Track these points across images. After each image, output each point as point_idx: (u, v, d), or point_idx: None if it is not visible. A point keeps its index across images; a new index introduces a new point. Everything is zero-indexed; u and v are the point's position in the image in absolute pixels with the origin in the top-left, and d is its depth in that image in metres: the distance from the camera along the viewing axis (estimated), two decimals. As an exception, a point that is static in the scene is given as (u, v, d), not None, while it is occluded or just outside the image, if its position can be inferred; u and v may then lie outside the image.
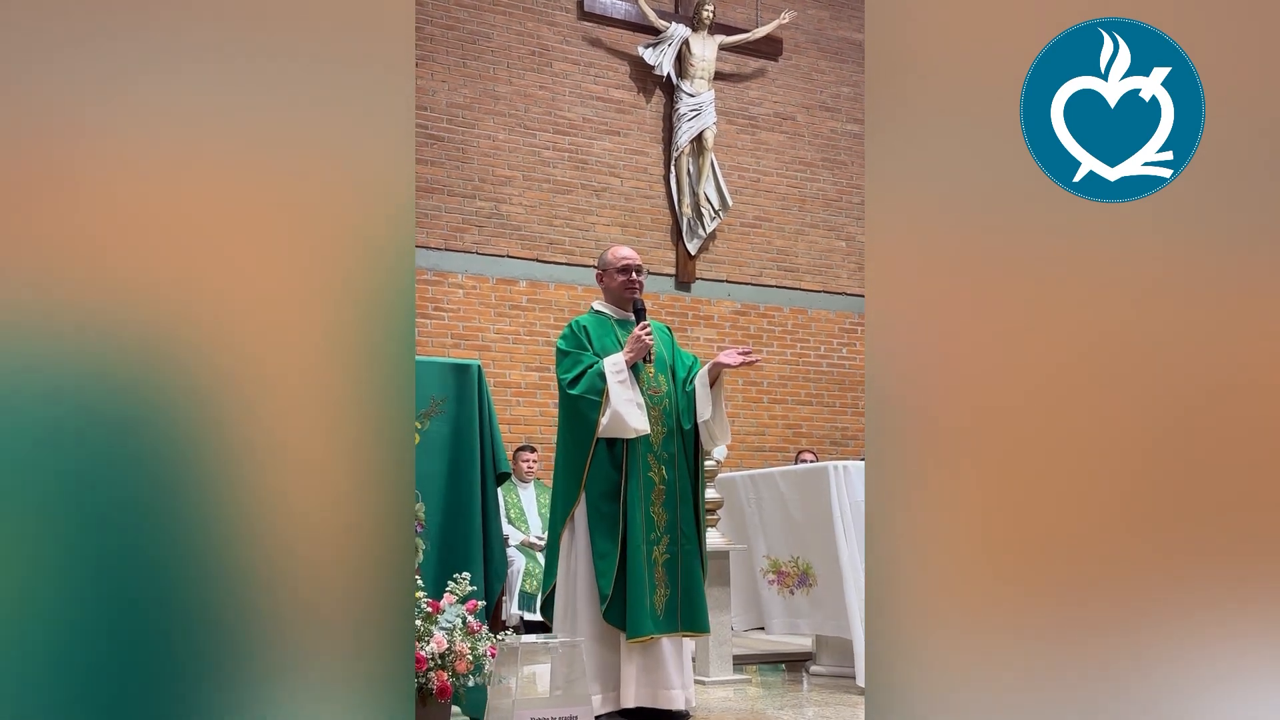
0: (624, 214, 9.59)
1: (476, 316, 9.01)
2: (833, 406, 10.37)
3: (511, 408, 8.92)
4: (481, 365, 4.25)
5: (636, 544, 4.05)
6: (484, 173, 9.08)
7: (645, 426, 4.08)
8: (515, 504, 7.76)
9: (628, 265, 4.32)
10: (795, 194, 10.32)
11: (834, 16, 10.55)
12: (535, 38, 9.37)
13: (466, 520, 4.03)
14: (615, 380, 4.06)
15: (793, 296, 10.26)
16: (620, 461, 4.10)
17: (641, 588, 4.03)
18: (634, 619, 4.00)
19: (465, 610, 3.48)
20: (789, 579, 5.53)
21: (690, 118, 9.59)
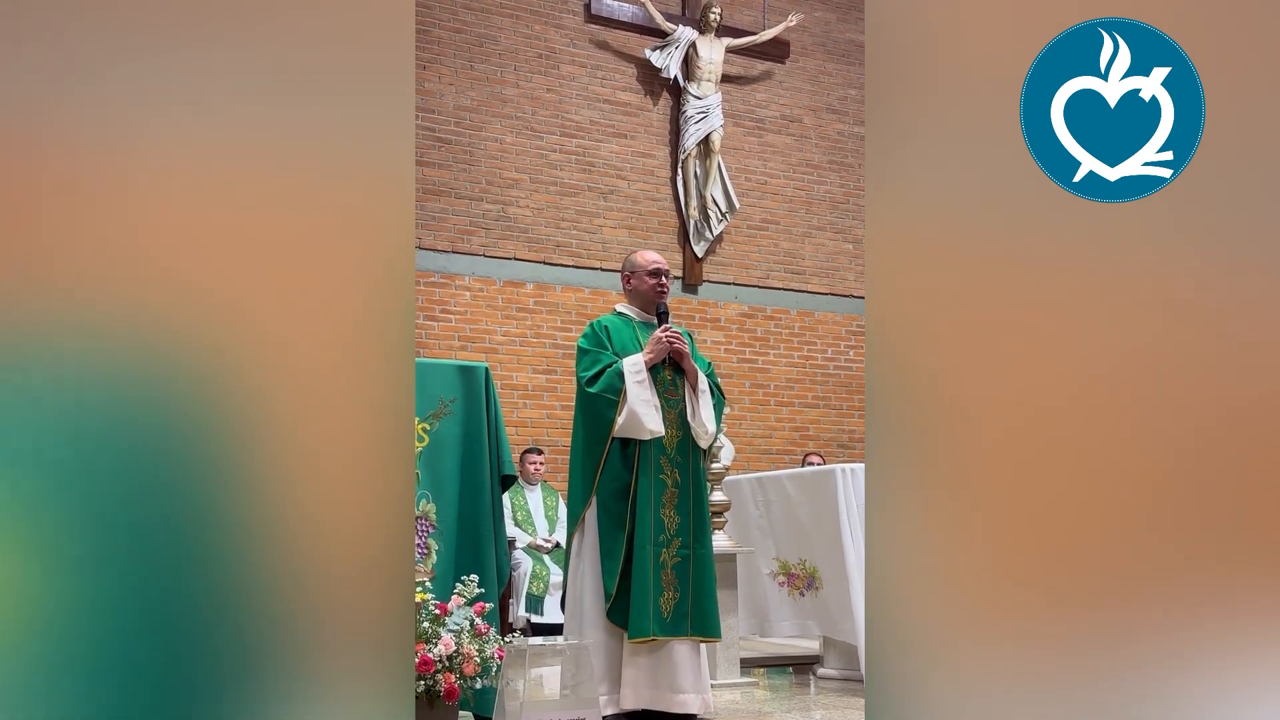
0: (631, 216, 9.59)
1: (483, 319, 9.02)
2: (839, 409, 10.35)
3: (518, 410, 8.93)
4: (488, 368, 4.26)
5: (644, 545, 4.06)
6: (491, 175, 9.10)
7: (660, 428, 4.10)
8: (522, 506, 7.77)
9: (658, 269, 4.37)
10: (802, 196, 10.32)
11: (840, 19, 10.54)
12: (542, 40, 9.38)
13: (478, 522, 4.04)
14: (634, 380, 4.08)
15: (799, 299, 10.25)
16: (632, 462, 4.11)
17: (646, 588, 4.03)
18: (636, 619, 4.00)
19: (473, 612, 3.48)
20: (799, 581, 5.53)
21: (697, 120, 9.59)
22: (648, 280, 4.36)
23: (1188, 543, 2.03)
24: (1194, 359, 2.05)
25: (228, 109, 1.95)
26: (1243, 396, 2.03)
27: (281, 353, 1.95)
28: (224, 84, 1.95)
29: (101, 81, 1.89)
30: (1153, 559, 2.04)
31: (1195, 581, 2.03)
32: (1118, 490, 2.05)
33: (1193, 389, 2.04)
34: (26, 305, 1.84)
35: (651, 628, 4.01)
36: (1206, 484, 2.02)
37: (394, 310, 2.01)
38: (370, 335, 2.00)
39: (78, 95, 1.88)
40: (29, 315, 1.84)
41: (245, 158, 1.96)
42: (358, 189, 2.00)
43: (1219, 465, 2.02)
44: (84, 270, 1.87)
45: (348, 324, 1.99)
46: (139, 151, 1.91)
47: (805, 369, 10.23)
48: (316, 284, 1.98)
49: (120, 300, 1.88)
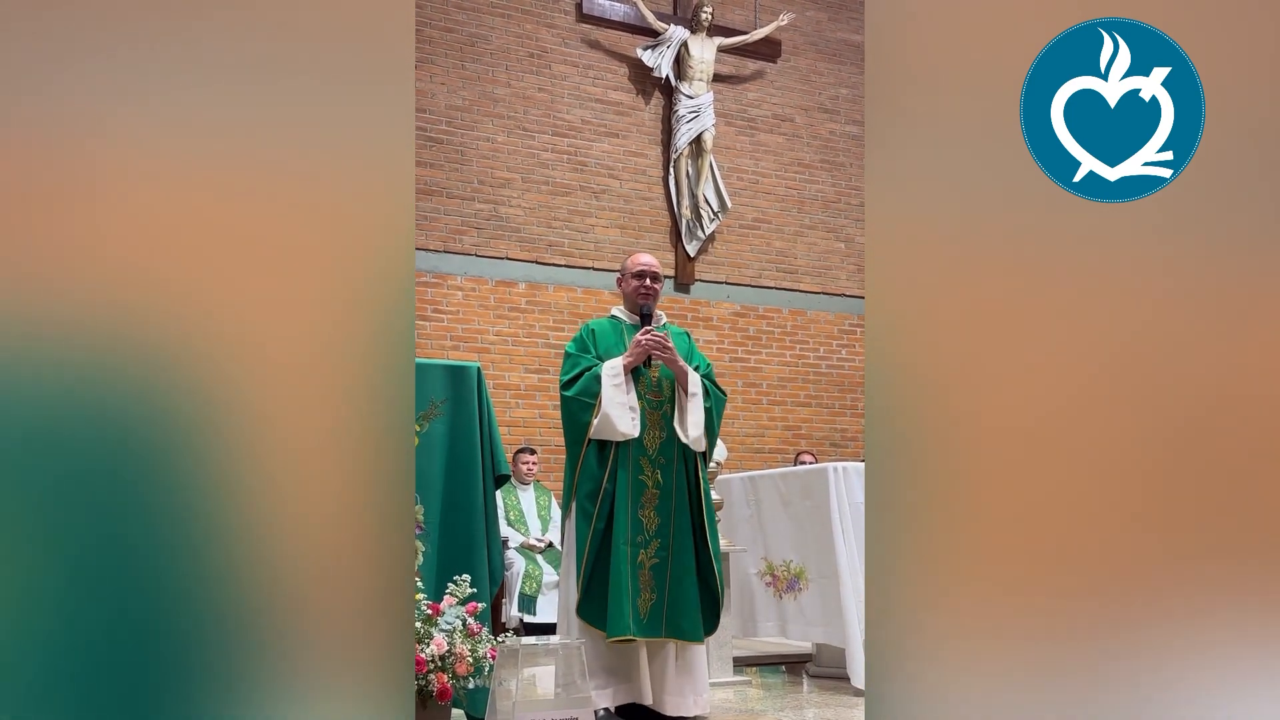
0: (623, 216, 9.59)
1: (475, 319, 9.00)
2: (832, 408, 10.37)
3: (511, 410, 8.92)
4: (481, 367, 4.26)
5: (621, 545, 4.05)
6: (483, 175, 9.08)
7: (633, 431, 4.10)
8: (515, 506, 7.75)
9: (643, 271, 4.36)
10: (794, 196, 10.32)
11: (832, 18, 10.55)
12: (534, 40, 9.37)
13: (467, 522, 4.04)
14: (610, 384, 4.10)
15: (792, 298, 10.26)
16: (607, 463, 4.11)
17: (623, 588, 4.01)
18: (613, 619, 3.98)
19: (465, 612, 3.47)
20: (781, 582, 5.53)
21: (689, 119, 9.60)
22: (633, 282, 4.37)
23: (1190, 542, 2.03)
24: (1194, 359, 2.05)
25: (227, 110, 1.94)
26: (1243, 396, 2.03)
27: (282, 354, 1.95)
28: (224, 86, 1.94)
29: (100, 78, 1.88)
30: (1156, 558, 2.04)
31: (1196, 580, 2.03)
32: (1119, 489, 2.05)
33: (1193, 389, 2.04)
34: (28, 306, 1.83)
35: (629, 627, 4.00)
36: (1211, 483, 2.03)
37: (394, 311, 2.00)
38: (370, 336, 1.99)
39: (78, 93, 1.87)
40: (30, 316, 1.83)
41: (245, 160, 1.95)
42: (358, 190, 1.99)
43: (1222, 464, 2.03)
44: (83, 271, 1.86)
45: (348, 326, 1.98)
46: (135, 154, 1.89)
47: (797, 368, 10.24)
48: (316, 285, 1.97)
49: (120, 301, 1.87)
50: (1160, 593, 2.04)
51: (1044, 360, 2.08)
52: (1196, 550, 2.03)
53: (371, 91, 2.01)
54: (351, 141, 2.00)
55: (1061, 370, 2.07)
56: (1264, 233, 2.04)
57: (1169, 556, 2.04)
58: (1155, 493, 2.04)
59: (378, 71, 2.02)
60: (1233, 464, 2.02)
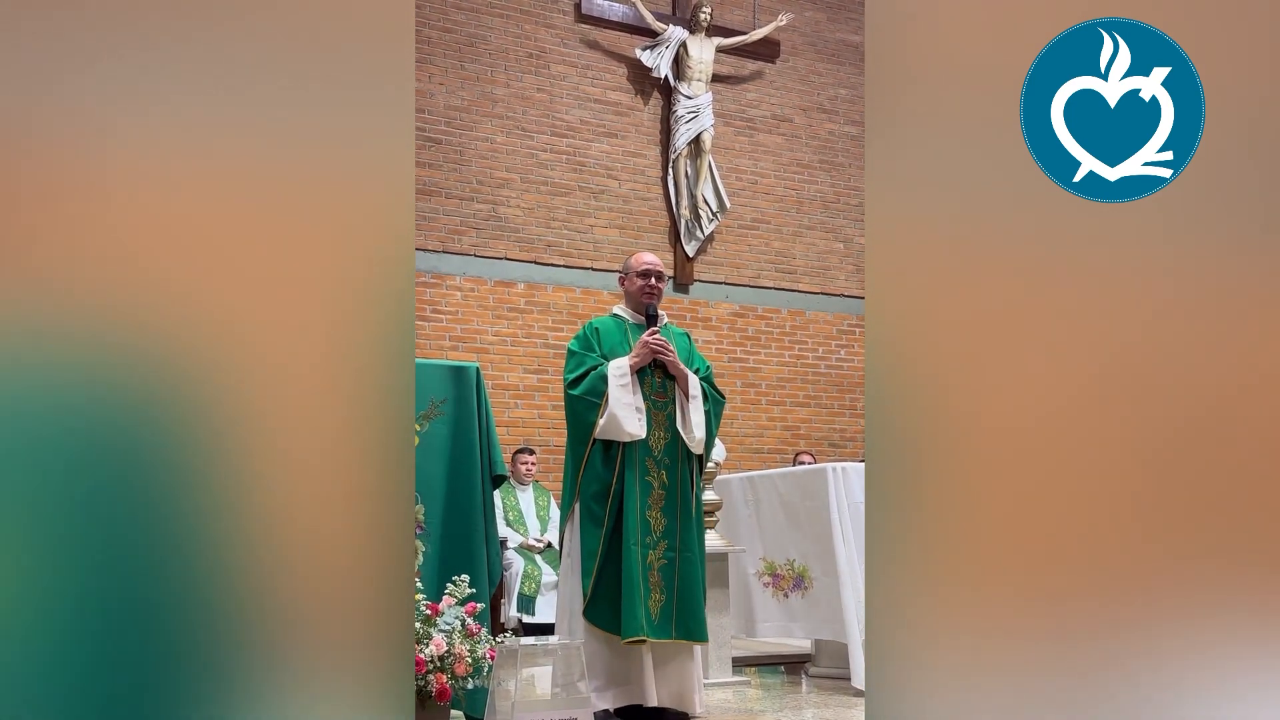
0: (622, 216, 9.58)
1: (474, 319, 9.00)
2: (831, 408, 10.36)
3: (510, 410, 8.91)
4: (480, 367, 4.26)
5: (631, 546, 4.04)
6: (482, 175, 9.08)
7: (640, 431, 4.09)
8: (514, 506, 7.75)
9: (647, 270, 4.35)
10: (793, 196, 10.32)
11: (831, 19, 10.55)
12: (533, 40, 9.36)
13: (467, 522, 4.03)
14: (617, 384, 4.08)
15: (790, 298, 10.26)
16: (614, 463, 4.10)
17: (635, 589, 4.01)
18: (626, 620, 3.99)
19: (464, 613, 3.47)
20: (784, 582, 5.53)
21: (688, 120, 9.59)
22: (637, 281, 4.36)
23: (1190, 542, 2.03)
24: (1193, 359, 2.05)
25: (227, 111, 1.93)
26: (1243, 396, 2.03)
27: (282, 353, 1.95)
28: (224, 87, 1.94)
29: (101, 81, 1.88)
30: (1156, 558, 2.04)
31: (1196, 581, 2.03)
32: (1118, 489, 2.05)
33: (1193, 389, 2.04)
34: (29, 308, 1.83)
35: (643, 628, 4.00)
36: (1211, 483, 2.03)
37: (394, 311, 2.00)
38: (371, 336, 1.99)
39: (79, 96, 1.87)
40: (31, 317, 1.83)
41: (245, 160, 1.95)
42: (358, 190, 1.99)
43: (1222, 465, 2.03)
44: (84, 271, 1.86)
45: (348, 326, 1.98)
46: (136, 155, 1.89)
47: (796, 368, 10.24)
48: (317, 285, 1.97)
49: (120, 301, 1.87)
50: (1160, 593, 2.04)
51: (1044, 360, 2.08)
52: (1196, 550, 2.03)
53: (371, 92, 2.01)
54: (352, 142, 2.00)
55: (1061, 370, 2.07)
56: (1264, 233, 2.04)
57: (1169, 557, 2.04)
58: (1155, 493, 2.05)
59: (378, 72, 2.02)
60: (1232, 464, 2.02)
